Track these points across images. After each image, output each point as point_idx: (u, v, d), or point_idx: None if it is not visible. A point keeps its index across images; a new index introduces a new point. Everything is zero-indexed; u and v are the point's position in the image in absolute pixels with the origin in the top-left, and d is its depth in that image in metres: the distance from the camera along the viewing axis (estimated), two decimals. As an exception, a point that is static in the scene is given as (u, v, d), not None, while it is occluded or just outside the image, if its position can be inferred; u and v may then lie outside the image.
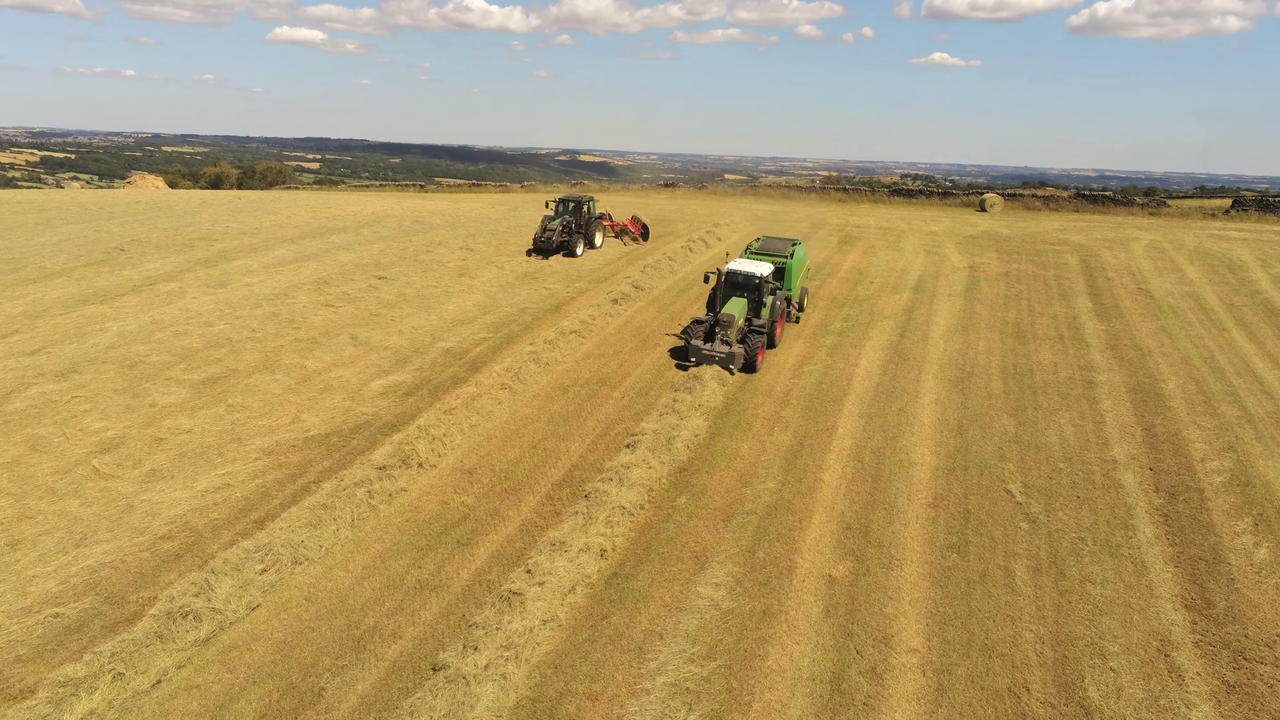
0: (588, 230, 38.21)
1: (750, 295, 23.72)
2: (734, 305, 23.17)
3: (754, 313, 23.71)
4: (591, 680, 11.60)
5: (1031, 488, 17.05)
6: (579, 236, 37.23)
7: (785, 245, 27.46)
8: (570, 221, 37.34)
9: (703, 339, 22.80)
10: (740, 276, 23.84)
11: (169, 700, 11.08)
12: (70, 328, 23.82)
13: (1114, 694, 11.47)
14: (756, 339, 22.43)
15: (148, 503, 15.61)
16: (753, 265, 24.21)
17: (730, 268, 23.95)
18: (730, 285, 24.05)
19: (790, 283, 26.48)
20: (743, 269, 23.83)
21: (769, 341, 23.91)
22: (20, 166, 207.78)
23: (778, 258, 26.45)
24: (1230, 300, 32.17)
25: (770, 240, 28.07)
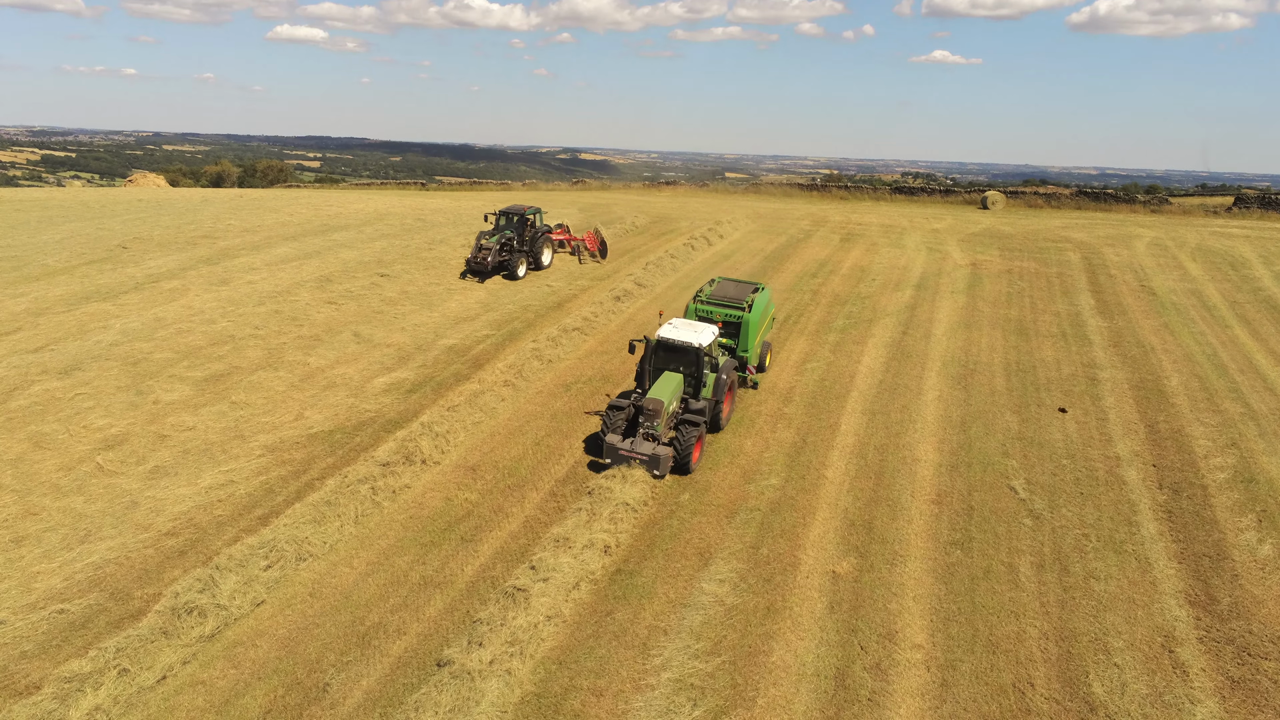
0: (533, 247, 33.16)
1: (687, 369, 18.24)
2: (665, 384, 17.60)
3: (692, 391, 18.25)
4: (596, 676, 11.61)
5: (1035, 484, 17.06)
6: (521, 255, 32.20)
7: (744, 291, 22.10)
8: (511, 238, 32.43)
9: (622, 431, 17.34)
10: (674, 346, 18.17)
11: (174, 696, 11.10)
12: (73, 325, 23.83)
13: (1118, 689, 11.48)
14: (690, 432, 16.78)
15: (152, 499, 15.62)
16: (691, 332, 18.35)
17: (662, 335, 18.20)
18: (662, 356, 18.38)
19: (747, 341, 20.95)
20: (677, 337, 18.09)
21: (713, 424, 18.73)
22: (21, 165, 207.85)
23: (730, 309, 21.07)
24: (1232, 297, 32.15)
25: (726, 284, 22.70)
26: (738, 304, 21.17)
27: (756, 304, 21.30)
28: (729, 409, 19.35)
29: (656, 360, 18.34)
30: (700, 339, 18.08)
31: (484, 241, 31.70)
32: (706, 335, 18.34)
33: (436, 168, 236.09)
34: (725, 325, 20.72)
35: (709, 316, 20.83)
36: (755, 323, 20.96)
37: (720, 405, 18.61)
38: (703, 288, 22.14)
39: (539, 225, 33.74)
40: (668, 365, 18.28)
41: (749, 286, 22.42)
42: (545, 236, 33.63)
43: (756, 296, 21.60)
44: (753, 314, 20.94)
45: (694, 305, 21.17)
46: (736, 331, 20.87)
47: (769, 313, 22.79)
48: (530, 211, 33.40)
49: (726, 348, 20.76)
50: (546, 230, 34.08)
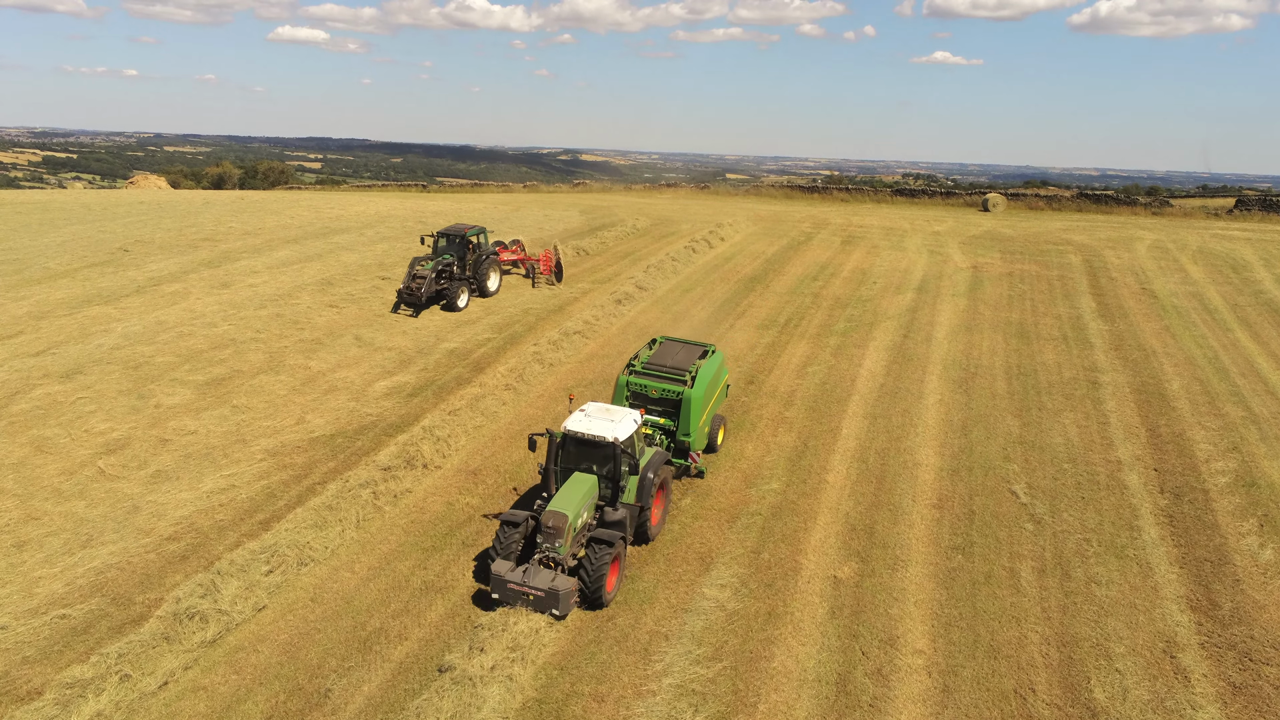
0: (477, 271, 29.21)
1: (602, 469, 14.39)
2: (572, 490, 13.82)
3: (609, 497, 14.41)
4: (597, 682, 11.62)
5: (1036, 488, 17.05)
6: (462, 284, 28.17)
7: (688, 357, 17.85)
8: (451, 263, 28.62)
9: (517, 555, 13.38)
10: (584, 441, 14.32)
11: (176, 702, 11.11)
12: (75, 329, 23.85)
13: (1120, 695, 11.47)
14: (602, 553, 12.90)
15: (153, 504, 15.63)
16: (605, 421, 14.48)
17: (569, 427, 14.34)
18: (571, 453, 14.56)
19: (688, 423, 16.67)
20: (588, 430, 14.21)
21: (638, 535, 14.73)
22: (23, 166, 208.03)
23: (669, 382, 16.86)
24: (1234, 300, 32.13)
25: (668, 348, 18.40)
26: (678, 375, 16.97)
27: (702, 375, 17.01)
28: (661, 514, 15.24)
29: (565, 457, 14.52)
30: (617, 430, 14.17)
31: (418, 268, 27.86)
32: (626, 425, 14.48)
33: (437, 169, 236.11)
34: (663, 401, 16.81)
35: (643, 391, 16.93)
36: (699, 399, 16.68)
37: (647, 512, 14.50)
38: (639, 352, 18.04)
39: (483, 247, 29.91)
40: (578, 464, 14.47)
41: (696, 350, 18.25)
42: (491, 259, 29.83)
43: (703, 364, 17.42)
44: (696, 388, 16.65)
45: (625, 377, 17.08)
46: (677, 409, 16.75)
47: (720, 381, 18.35)
48: (473, 232, 29.41)
49: (664, 429, 16.79)
50: (492, 252, 30.29)
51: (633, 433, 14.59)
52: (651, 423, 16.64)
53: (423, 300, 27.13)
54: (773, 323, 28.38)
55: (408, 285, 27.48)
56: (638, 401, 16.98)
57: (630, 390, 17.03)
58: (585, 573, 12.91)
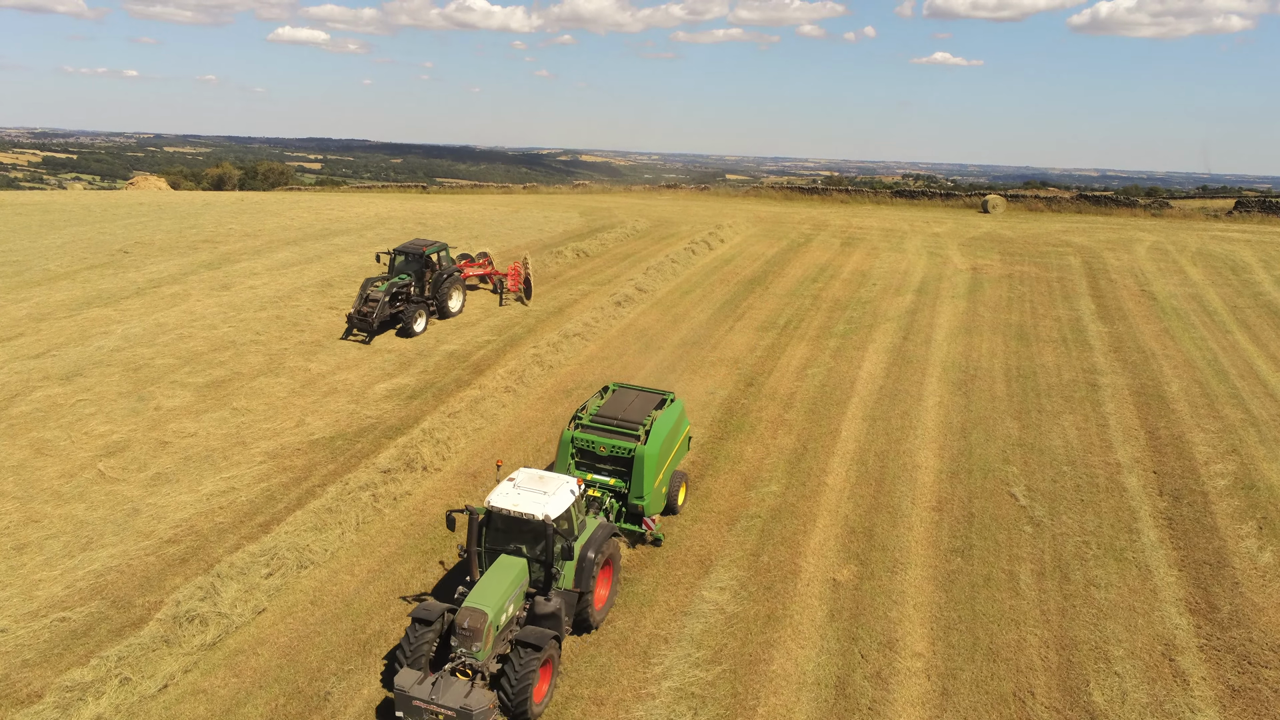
0: (438, 291, 26.99)
1: (534, 551, 12.21)
2: (496, 579, 11.66)
3: (541, 583, 12.23)
4: (597, 685, 11.63)
5: (1035, 491, 17.07)
6: (419, 306, 25.84)
7: (643, 408, 15.86)
8: (408, 284, 26.23)
9: (429, 661, 11.24)
10: (511, 519, 12.16)
11: (175, 705, 11.12)
12: (75, 330, 23.87)
13: (1119, 698, 11.49)
14: (529, 661, 10.89)
15: (153, 506, 15.65)
16: (536, 494, 12.32)
17: (493, 503, 12.19)
18: (498, 532, 12.39)
19: (642, 484, 14.63)
20: (514, 506, 12.03)
21: (579, 623, 12.60)
22: (22, 167, 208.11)
23: (620, 438, 14.90)
24: (1233, 302, 32.15)
25: (622, 396, 16.51)
26: (630, 430, 14.99)
27: (657, 429, 14.99)
28: (608, 594, 13.12)
29: (490, 536, 12.36)
30: (549, 505, 12.02)
31: (370, 290, 25.39)
32: (560, 497, 12.31)
33: (437, 169, 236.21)
34: (614, 460, 14.89)
35: (590, 448, 14.94)
36: (654, 458, 14.61)
37: (589, 597, 12.42)
38: (588, 402, 16.12)
39: (444, 265, 27.60)
40: (506, 544, 12.29)
41: (652, 399, 16.29)
42: (453, 278, 27.49)
43: (659, 416, 15.42)
44: (650, 445, 14.64)
45: (570, 432, 15.08)
46: (629, 467, 14.73)
47: (681, 434, 16.20)
48: (432, 249, 27.06)
49: (615, 491, 14.81)
50: (454, 270, 27.85)
51: (569, 506, 12.33)
52: (600, 484, 14.74)
53: (374, 325, 24.69)
54: (772, 324, 28.40)
55: (358, 309, 24.94)
56: (585, 460, 15.02)
57: (576, 447, 14.99)
58: (508, 683, 10.73)
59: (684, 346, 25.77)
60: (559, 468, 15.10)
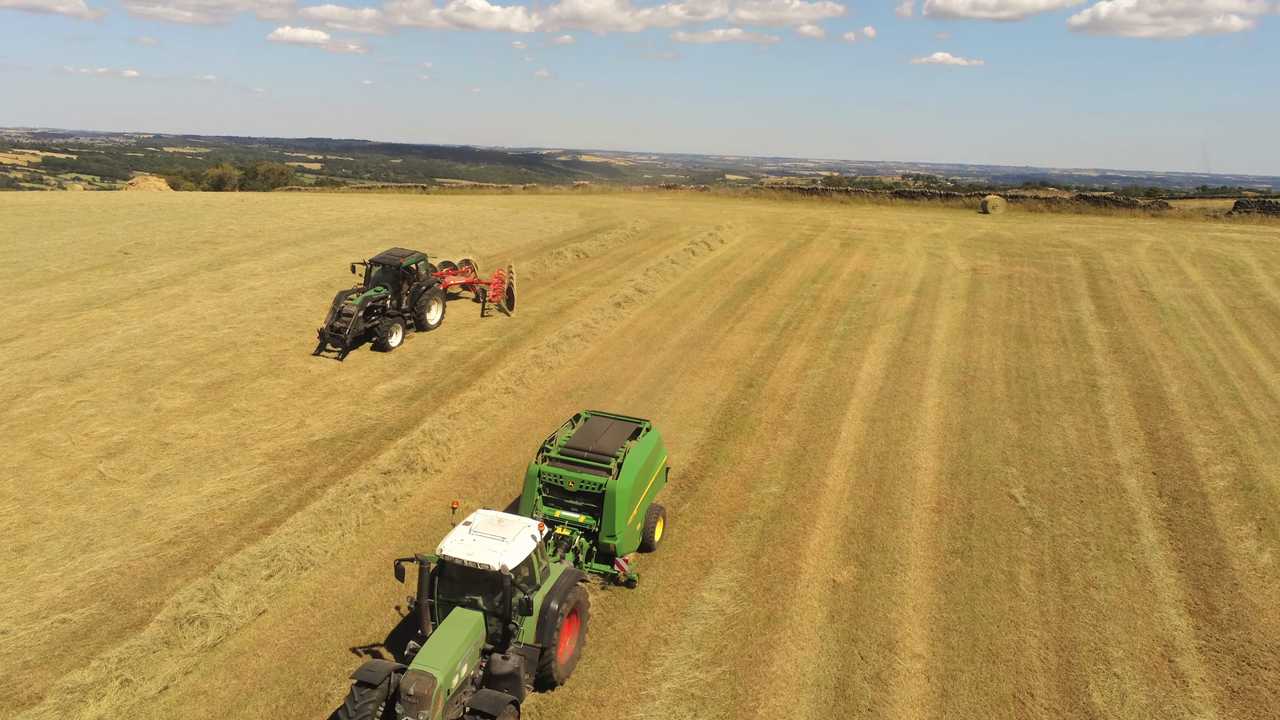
0: (416, 303, 25.67)
1: (490, 603, 11.12)
2: (448, 637, 10.62)
3: (499, 638, 11.17)
4: (597, 686, 11.64)
5: (1035, 492, 17.09)
6: (395, 320, 24.70)
7: (616, 438, 14.83)
8: (384, 296, 25.13)
9: None
10: (465, 572, 11.15)
11: (176, 706, 11.13)
12: (75, 332, 23.89)
13: (1118, 699, 11.50)
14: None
15: (154, 508, 15.66)
16: (493, 542, 11.19)
17: (446, 551, 11.10)
18: (452, 583, 11.35)
19: (614, 522, 13.59)
20: (468, 556, 10.93)
21: (541, 679, 11.44)
22: (22, 167, 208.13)
23: (590, 472, 13.85)
24: (1233, 303, 32.18)
25: (594, 425, 15.38)
26: (601, 463, 13.98)
27: (630, 462, 13.97)
28: (573, 645, 11.99)
29: (444, 587, 11.32)
30: (507, 554, 10.91)
31: (344, 304, 24.20)
32: (519, 545, 11.23)
33: (437, 170, 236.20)
34: (583, 495, 13.89)
35: (557, 483, 13.93)
36: (626, 494, 13.58)
37: (551, 652, 11.29)
38: (557, 432, 15.08)
39: (423, 275, 26.38)
40: (460, 596, 11.27)
41: (626, 428, 15.31)
42: (431, 290, 26.24)
43: (634, 447, 14.38)
44: (623, 479, 13.62)
45: (537, 466, 14.07)
46: (600, 503, 13.72)
47: (657, 465, 15.14)
48: (410, 259, 25.86)
49: (585, 529, 13.79)
50: (434, 281, 26.68)
51: (530, 554, 11.25)
52: (569, 521, 13.81)
53: (347, 341, 23.36)
54: (772, 325, 28.42)
55: (330, 324, 23.71)
56: (553, 495, 14.06)
57: (544, 482, 14.00)
58: None
59: (684, 347, 25.79)
60: (525, 504, 14.01)
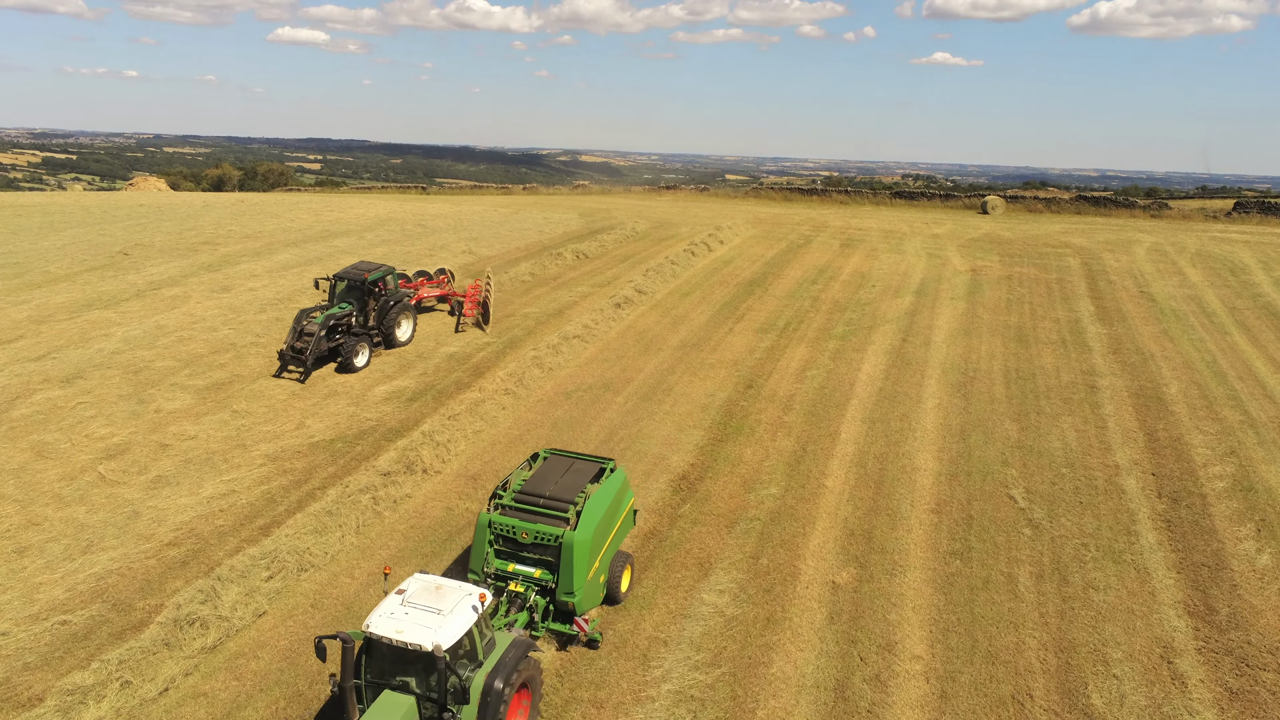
0: (384, 320, 24.15)
1: (424, 688, 9.83)
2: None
3: None
4: (596, 688, 11.65)
5: (1034, 493, 17.10)
6: (360, 339, 23.18)
7: (576, 482, 13.38)
8: (347, 315, 23.35)
9: None
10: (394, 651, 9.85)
11: (176, 708, 11.14)
12: (75, 333, 23.91)
13: (1117, 701, 11.51)
14: None
15: (154, 509, 15.67)
16: (427, 618, 9.85)
17: (374, 630, 9.74)
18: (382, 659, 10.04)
19: (571, 578, 12.20)
20: (400, 636, 9.62)
21: None
22: (22, 168, 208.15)
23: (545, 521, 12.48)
24: (1232, 303, 32.19)
25: (554, 465, 13.98)
26: (558, 511, 12.61)
27: (590, 510, 12.60)
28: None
29: (372, 667, 10.04)
30: (442, 632, 9.61)
31: (305, 323, 22.61)
32: (458, 619, 9.92)
33: (437, 170, 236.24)
34: (539, 548, 12.48)
35: (510, 534, 12.52)
36: (585, 546, 12.21)
37: None
38: (512, 475, 13.58)
39: (391, 290, 24.65)
40: (390, 678, 9.95)
41: (589, 469, 13.81)
42: (400, 305, 24.63)
43: (595, 492, 13.04)
44: (581, 530, 12.26)
45: (488, 515, 12.65)
46: (557, 557, 12.30)
47: (622, 509, 13.67)
48: (376, 274, 24.06)
49: (541, 585, 12.44)
50: (403, 296, 25.00)
51: (470, 628, 9.90)
52: (524, 576, 12.49)
53: (309, 362, 21.83)
54: (772, 326, 28.43)
55: (291, 344, 22.20)
56: (507, 548, 12.66)
57: (495, 533, 12.60)
58: None
59: (683, 348, 25.81)
60: (475, 557, 12.67)
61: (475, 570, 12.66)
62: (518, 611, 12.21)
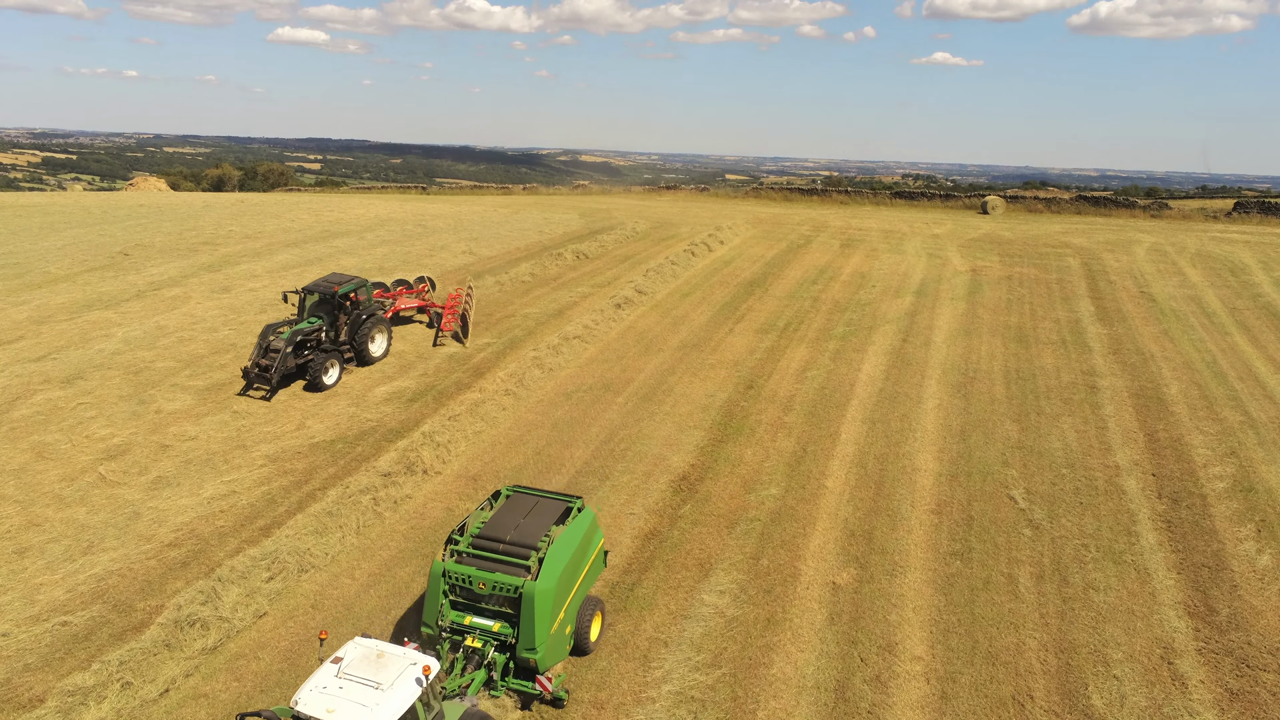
0: (356, 335, 22.82)
1: None
2: None
3: None
4: (597, 688, 11.66)
5: (1034, 494, 17.10)
6: (331, 356, 21.79)
7: (540, 523, 12.15)
8: (316, 330, 22.10)
9: None
10: None
11: (177, 709, 11.15)
12: (75, 333, 23.91)
13: (1117, 702, 11.52)
14: None
15: (154, 510, 15.68)
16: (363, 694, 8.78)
17: (302, 709, 8.68)
18: None
19: (533, 633, 11.04)
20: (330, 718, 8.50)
21: None
22: (22, 168, 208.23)
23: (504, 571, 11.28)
24: (1232, 304, 32.20)
25: (518, 505, 12.64)
26: (518, 558, 11.47)
27: (554, 557, 11.41)
28: None
29: None
30: (380, 710, 8.63)
31: (271, 338, 21.36)
32: (397, 695, 8.88)
33: (437, 170, 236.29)
34: (497, 599, 11.35)
35: (464, 583, 11.35)
36: (548, 596, 11.05)
37: None
38: (471, 515, 12.50)
39: (364, 303, 23.38)
40: None
41: (554, 509, 12.55)
42: (374, 319, 23.24)
43: (560, 535, 11.83)
44: (544, 580, 11.10)
45: (442, 563, 11.45)
46: (516, 608, 11.19)
47: (591, 551, 12.47)
48: (348, 286, 22.70)
49: (499, 640, 11.29)
50: (376, 310, 23.57)
51: (412, 705, 8.90)
52: (481, 630, 11.33)
53: (274, 380, 20.57)
54: (772, 327, 28.44)
55: (255, 361, 20.93)
56: (463, 598, 11.54)
57: (449, 582, 11.45)
58: None
59: (684, 349, 25.81)
60: (429, 609, 11.45)
61: (429, 623, 11.40)
62: (475, 669, 11.02)
